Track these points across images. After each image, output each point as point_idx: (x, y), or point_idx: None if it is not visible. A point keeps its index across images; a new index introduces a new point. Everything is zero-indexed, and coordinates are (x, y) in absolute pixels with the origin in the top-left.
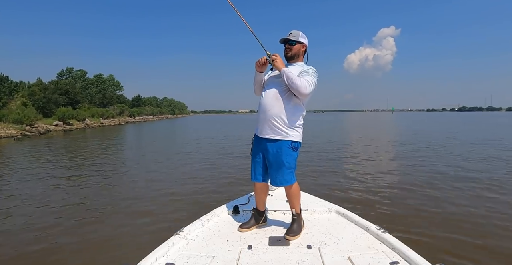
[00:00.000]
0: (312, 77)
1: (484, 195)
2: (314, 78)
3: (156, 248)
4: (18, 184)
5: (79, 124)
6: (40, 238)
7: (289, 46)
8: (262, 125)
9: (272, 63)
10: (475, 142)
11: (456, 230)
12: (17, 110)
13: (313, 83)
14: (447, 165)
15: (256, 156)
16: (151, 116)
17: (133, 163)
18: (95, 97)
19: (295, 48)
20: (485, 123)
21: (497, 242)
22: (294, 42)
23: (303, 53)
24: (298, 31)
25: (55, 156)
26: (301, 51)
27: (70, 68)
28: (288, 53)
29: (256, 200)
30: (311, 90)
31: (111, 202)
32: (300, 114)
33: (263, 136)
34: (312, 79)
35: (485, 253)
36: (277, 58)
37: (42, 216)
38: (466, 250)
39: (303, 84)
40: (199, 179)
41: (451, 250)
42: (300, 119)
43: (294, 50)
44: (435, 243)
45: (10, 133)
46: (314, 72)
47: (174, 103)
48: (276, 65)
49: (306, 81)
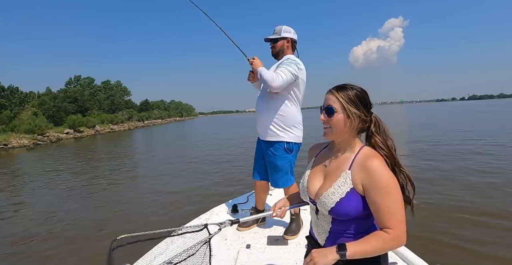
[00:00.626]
0: (284, 67)
1: (486, 195)
2: (288, 67)
3: (155, 246)
4: (32, 194)
5: (89, 131)
6: (46, 240)
7: (273, 44)
8: (258, 128)
9: (251, 66)
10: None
11: (454, 231)
12: (28, 120)
13: (284, 73)
14: (447, 164)
15: (257, 156)
16: (159, 119)
17: (139, 166)
18: (104, 103)
19: (278, 45)
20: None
21: (497, 243)
22: (277, 39)
23: (289, 47)
24: (281, 26)
25: (67, 164)
26: (286, 45)
27: (78, 76)
28: (272, 51)
29: (256, 199)
30: (280, 81)
31: (116, 203)
32: (291, 113)
33: (261, 138)
34: (283, 70)
35: (484, 254)
36: (254, 60)
37: (49, 223)
38: (464, 251)
39: (270, 77)
40: (200, 179)
41: (449, 251)
42: (294, 118)
43: (277, 47)
44: (433, 243)
45: (22, 143)
46: (290, 62)
47: (182, 105)
48: (253, 67)
49: (276, 73)
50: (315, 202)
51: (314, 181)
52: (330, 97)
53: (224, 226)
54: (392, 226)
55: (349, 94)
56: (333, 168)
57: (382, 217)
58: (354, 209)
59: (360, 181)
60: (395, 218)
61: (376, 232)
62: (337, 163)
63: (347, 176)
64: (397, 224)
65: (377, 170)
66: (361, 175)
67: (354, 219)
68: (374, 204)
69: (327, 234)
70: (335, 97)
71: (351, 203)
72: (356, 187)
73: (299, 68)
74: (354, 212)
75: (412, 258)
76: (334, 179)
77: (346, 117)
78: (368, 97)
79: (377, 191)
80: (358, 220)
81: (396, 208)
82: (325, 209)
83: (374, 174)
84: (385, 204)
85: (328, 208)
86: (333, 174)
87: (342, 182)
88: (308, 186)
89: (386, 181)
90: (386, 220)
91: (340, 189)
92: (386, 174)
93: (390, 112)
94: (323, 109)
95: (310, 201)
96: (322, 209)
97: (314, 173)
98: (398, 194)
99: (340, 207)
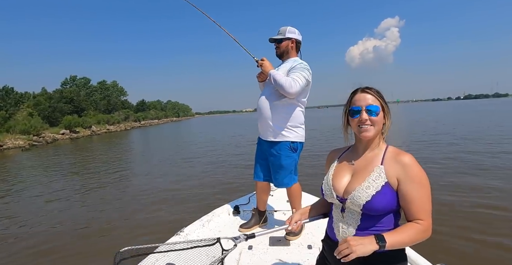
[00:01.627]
0: (299, 73)
1: (488, 194)
2: (303, 72)
3: (157, 249)
4: (28, 196)
5: (85, 132)
6: (47, 241)
7: (277, 45)
8: (261, 128)
9: (260, 67)
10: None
11: (457, 230)
12: (24, 121)
13: (300, 79)
14: (451, 160)
15: (258, 156)
16: (156, 120)
17: (136, 166)
18: (100, 103)
19: (283, 45)
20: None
21: (500, 242)
22: (281, 39)
23: (294, 47)
24: (285, 27)
25: (62, 166)
26: (291, 46)
27: (74, 76)
28: (277, 52)
29: (257, 200)
30: (298, 88)
31: (116, 203)
32: (296, 113)
33: (263, 138)
34: (299, 75)
35: (488, 253)
36: (264, 62)
37: (48, 228)
38: (467, 250)
39: (288, 83)
40: (200, 179)
41: (452, 250)
42: (298, 118)
43: (282, 48)
44: (436, 242)
45: (18, 143)
46: (303, 67)
47: (178, 105)
48: (263, 70)
49: (292, 79)
50: (343, 199)
51: (341, 179)
52: (369, 97)
53: (240, 241)
54: (423, 218)
55: (381, 95)
56: (363, 165)
57: (414, 209)
58: (389, 203)
59: (395, 174)
60: (426, 211)
61: (409, 223)
62: (366, 160)
63: (381, 171)
64: (428, 216)
65: (412, 164)
66: (395, 169)
67: (383, 215)
68: (408, 197)
69: (353, 232)
70: (374, 97)
71: (387, 196)
72: (390, 181)
73: (310, 73)
74: (388, 206)
75: (415, 257)
76: (367, 174)
77: (382, 116)
78: None
79: (412, 184)
80: (386, 216)
81: (427, 201)
82: (357, 205)
83: (409, 168)
84: (419, 196)
85: (362, 202)
86: (364, 170)
87: (376, 176)
88: (334, 184)
89: (421, 175)
90: (418, 212)
91: (375, 182)
92: (420, 168)
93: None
94: (362, 109)
95: (338, 199)
96: (353, 205)
97: (339, 173)
98: (429, 188)
99: (375, 201)
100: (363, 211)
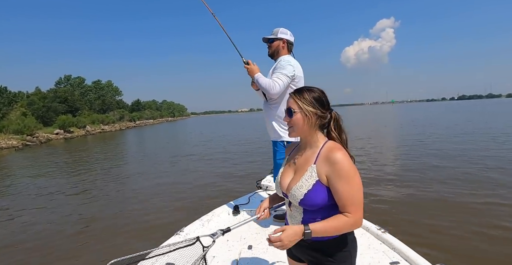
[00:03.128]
0: (279, 72)
1: (488, 194)
2: (283, 70)
3: (146, 256)
4: (20, 196)
5: (80, 131)
6: (46, 242)
7: (269, 44)
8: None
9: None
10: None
11: (457, 230)
12: (17, 121)
13: (280, 79)
14: (448, 161)
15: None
16: (151, 119)
17: (133, 166)
18: (95, 103)
19: (274, 45)
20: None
21: (499, 243)
22: (273, 39)
23: (285, 48)
24: (278, 28)
25: (56, 166)
26: (282, 46)
27: (68, 76)
28: (269, 51)
29: None
30: (277, 88)
31: (115, 203)
32: None
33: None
34: (278, 75)
35: (486, 253)
36: (249, 67)
37: (47, 227)
38: (466, 250)
39: (268, 85)
40: (199, 179)
41: (452, 250)
42: None
43: (273, 47)
44: (435, 243)
45: (11, 143)
46: (283, 65)
47: (174, 105)
48: (249, 74)
49: (272, 80)
50: (287, 195)
51: (286, 177)
52: (290, 100)
53: (217, 237)
54: (351, 211)
55: (304, 95)
56: (301, 163)
57: (343, 203)
58: (321, 199)
59: (325, 173)
60: (354, 205)
61: (337, 215)
62: (305, 158)
63: (313, 170)
64: (356, 209)
65: (339, 161)
66: (325, 167)
67: (322, 209)
68: (336, 192)
69: (300, 224)
70: (293, 99)
71: (318, 194)
72: (321, 179)
73: (293, 68)
74: (320, 202)
75: (414, 258)
76: (302, 173)
77: (304, 115)
78: (325, 96)
79: (338, 180)
80: (326, 209)
81: (355, 196)
82: (295, 201)
83: (336, 165)
84: (346, 191)
85: (298, 200)
86: (301, 168)
87: (308, 175)
88: (281, 181)
89: (347, 171)
90: (346, 206)
91: (307, 182)
92: (347, 164)
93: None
94: (285, 111)
95: (283, 195)
96: (293, 201)
97: (286, 169)
98: (358, 181)
99: (308, 199)
100: (301, 206)
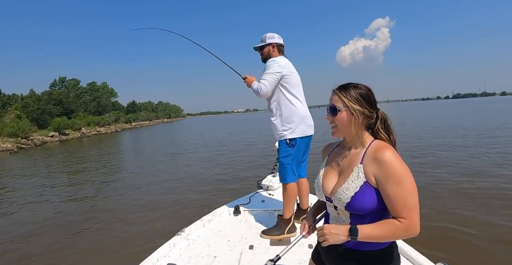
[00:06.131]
0: (265, 74)
1: (489, 194)
2: (268, 70)
3: (158, 249)
4: (17, 201)
5: (75, 134)
6: (43, 242)
7: (261, 52)
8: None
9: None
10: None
11: (459, 229)
12: (12, 123)
13: (265, 80)
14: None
15: None
16: (147, 121)
17: (130, 168)
18: (90, 105)
19: (265, 51)
20: None
21: (500, 241)
22: (263, 46)
23: (275, 51)
24: (265, 34)
25: (52, 169)
26: (272, 50)
27: (63, 78)
28: (261, 58)
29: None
30: (264, 89)
31: (114, 204)
32: (287, 109)
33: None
34: (264, 76)
35: (488, 252)
36: (247, 79)
37: (44, 226)
38: (468, 248)
39: (256, 88)
40: (199, 179)
41: (453, 248)
42: (291, 113)
43: (264, 53)
44: (437, 241)
45: (5, 147)
46: (268, 65)
47: (170, 106)
48: (248, 86)
49: (259, 83)
50: (331, 199)
51: (329, 179)
52: (333, 97)
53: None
54: (404, 216)
55: (351, 92)
56: (346, 165)
57: (394, 207)
58: (370, 203)
59: (372, 173)
60: (407, 209)
61: (389, 219)
62: (349, 159)
63: (359, 170)
64: (410, 214)
65: (388, 160)
66: (372, 167)
67: (372, 213)
68: (387, 195)
69: None
70: (338, 96)
71: (366, 196)
72: (369, 180)
73: (280, 65)
74: (369, 205)
75: (416, 256)
76: (348, 175)
77: (350, 114)
78: (372, 94)
79: (388, 182)
80: (376, 213)
81: (408, 199)
82: (341, 205)
83: (385, 165)
84: (397, 194)
85: (344, 204)
86: (347, 170)
87: (355, 176)
88: (323, 184)
89: (397, 171)
90: (398, 211)
91: (354, 183)
92: (397, 163)
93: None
94: (327, 109)
95: (326, 199)
96: (339, 206)
97: (328, 171)
98: (410, 183)
99: (356, 202)
100: (348, 211)
